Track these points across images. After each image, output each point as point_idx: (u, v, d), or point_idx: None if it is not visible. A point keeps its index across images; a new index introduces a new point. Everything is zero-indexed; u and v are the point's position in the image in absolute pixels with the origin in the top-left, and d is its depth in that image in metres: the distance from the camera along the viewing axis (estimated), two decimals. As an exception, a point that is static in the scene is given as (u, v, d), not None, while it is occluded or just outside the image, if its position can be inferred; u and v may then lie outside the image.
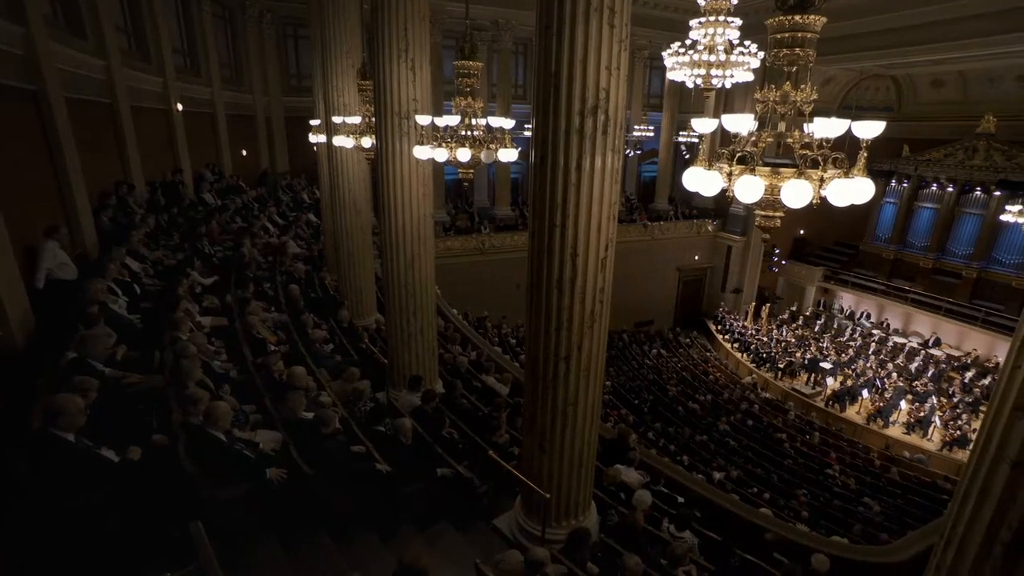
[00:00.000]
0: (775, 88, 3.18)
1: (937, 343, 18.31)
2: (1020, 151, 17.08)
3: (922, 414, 15.03)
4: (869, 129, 2.90)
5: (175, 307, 5.64)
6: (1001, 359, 16.86)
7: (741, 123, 2.99)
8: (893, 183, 20.01)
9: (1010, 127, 17.36)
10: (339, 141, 7.87)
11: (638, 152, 23.11)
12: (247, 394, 5.24)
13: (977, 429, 14.23)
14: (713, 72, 9.92)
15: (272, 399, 5.09)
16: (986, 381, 16.45)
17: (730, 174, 3.10)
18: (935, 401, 15.47)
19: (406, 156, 6.36)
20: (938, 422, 14.80)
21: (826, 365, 17.58)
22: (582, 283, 4.38)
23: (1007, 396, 2.76)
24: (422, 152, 5.39)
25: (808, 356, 18.29)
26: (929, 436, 14.70)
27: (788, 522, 9.87)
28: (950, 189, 18.83)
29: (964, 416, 14.99)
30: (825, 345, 19.32)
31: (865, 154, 2.96)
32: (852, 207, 3.09)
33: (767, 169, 3.08)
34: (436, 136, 5.54)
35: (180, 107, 11.63)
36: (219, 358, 5.67)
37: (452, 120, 5.20)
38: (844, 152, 3.06)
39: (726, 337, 20.95)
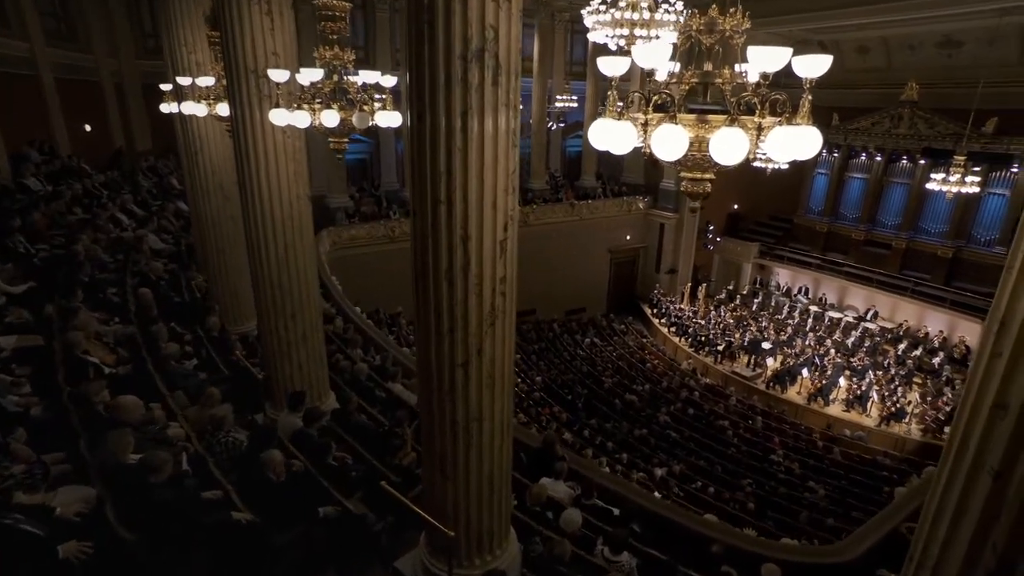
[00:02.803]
0: (698, 14, 2.68)
1: (875, 316, 19.24)
2: (941, 119, 18.06)
3: (861, 390, 15.70)
4: (814, 65, 2.47)
5: (-47, 326, 4.57)
6: (931, 329, 17.95)
7: (656, 56, 2.46)
8: (824, 153, 20.74)
9: (931, 94, 18.32)
10: (189, 108, 6.85)
11: (561, 125, 22.81)
12: (55, 438, 4.30)
13: (912, 401, 15.13)
14: (637, 32, 9.61)
15: (89, 441, 4.18)
16: (917, 352, 17.46)
17: (646, 125, 2.57)
18: (872, 376, 16.20)
19: (268, 125, 5.51)
20: (876, 396, 15.51)
21: (766, 345, 18.05)
22: (477, 272, 3.79)
23: (984, 392, 2.40)
24: (279, 117, 4.59)
25: (748, 337, 18.73)
26: (868, 412, 15.39)
27: (735, 515, 9.96)
28: (878, 158, 19.76)
29: (900, 389, 15.79)
30: (764, 324, 19.89)
31: (809, 96, 2.52)
32: (785, 178, 2.66)
33: (691, 117, 2.58)
34: (299, 97, 4.75)
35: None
36: (17, 391, 4.65)
37: (315, 74, 4.42)
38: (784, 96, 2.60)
39: (662, 321, 21.18)
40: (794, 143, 2.36)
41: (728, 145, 2.32)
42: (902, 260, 19.62)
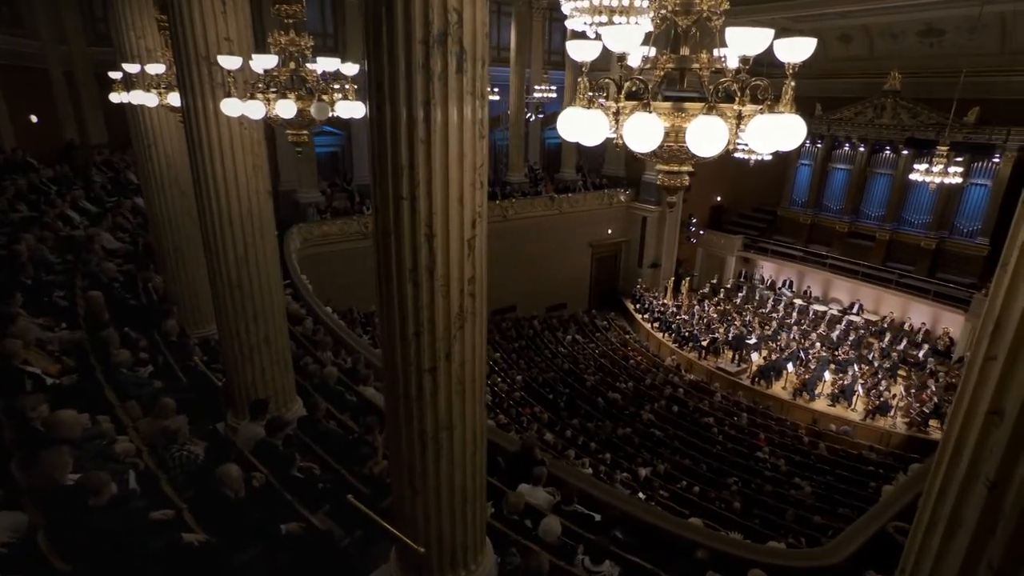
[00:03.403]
0: (674, -6, 2.54)
1: (860, 309, 19.47)
2: (924, 108, 18.30)
3: (845, 383, 15.85)
4: (797, 49, 2.34)
5: None
6: (915, 321, 18.20)
7: (628, 38, 2.32)
8: (807, 143, 20.89)
9: (914, 84, 18.54)
10: (138, 98, 6.57)
11: (540, 116, 22.69)
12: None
13: (897, 395, 15.31)
14: (616, 19, 9.53)
15: (23, 461, 3.94)
16: (902, 346, 17.70)
17: (618, 114, 2.43)
18: (857, 369, 16.37)
19: (222, 116, 5.27)
20: (861, 390, 15.67)
21: (750, 340, 18.15)
22: (444, 273, 3.64)
23: (978, 397, 2.31)
24: (231, 107, 4.38)
25: (732, 332, 18.81)
26: (853, 406, 15.55)
27: (721, 515, 9.99)
28: (862, 149, 19.97)
29: (884, 382, 15.98)
30: (748, 319, 19.99)
31: (792, 83, 2.40)
32: (769, 169, 2.54)
33: (667, 105, 2.45)
34: (252, 86, 4.54)
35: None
36: (-54, 406, 4.39)
37: (268, 61, 4.21)
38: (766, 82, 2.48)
39: (645, 317, 21.19)
40: (776, 132, 2.24)
41: (705, 135, 2.19)
42: (886, 252, 19.86)
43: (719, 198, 24.25)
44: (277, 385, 6.54)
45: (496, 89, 21.40)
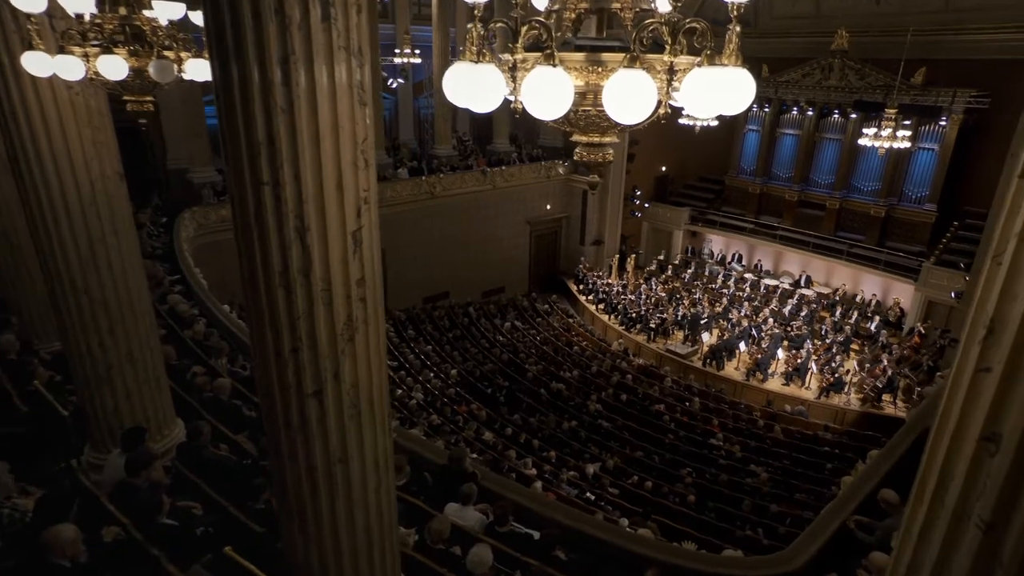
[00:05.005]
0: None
1: (808, 282, 19.98)
2: (872, 69, 18.76)
3: (799, 360, 16.23)
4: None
5: None
6: (866, 292, 18.84)
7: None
8: (755, 107, 21.12)
9: (862, 44, 18.95)
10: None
11: (470, 80, 22.07)
12: None
13: (850, 370, 15.78)
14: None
15: None
16: (853, 318, 18.30)
17: (515, 69, 1.97)
18: (810, 345, 16.80)
19: (40, 78, 4.50)
20: (814, 367, 16.10)
21: (701, 320, 18.35)
22: (323, 274, 3.14)
23: (968, 418, 2.01)
24: (36, 63, 3.66)
25: (681, 312, 18.94)
26: (807, 384, 15.96)
27: (675, 510, 9.99)
28: (810, 113, 20.38)
29: (838, 358, 16.47)
30: (698, 296, 20.22)
31: (737, 27, 2.00)
32: (715, 134, 2.14)
33: (580, 57, 2.01)
34: (65, 35, 3.83)
35: None
36: None
37: (84, 3, 3.53)
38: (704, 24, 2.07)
39: (590, 298, 21.18)
40: (718, 90, 1.84)
41: (627, 94, 1.76)
42: (836, 221, 20.44)
43: (664, 168, 24.32)
44: (148, 408, 5.86)
45: (418, 51, 20.62)
